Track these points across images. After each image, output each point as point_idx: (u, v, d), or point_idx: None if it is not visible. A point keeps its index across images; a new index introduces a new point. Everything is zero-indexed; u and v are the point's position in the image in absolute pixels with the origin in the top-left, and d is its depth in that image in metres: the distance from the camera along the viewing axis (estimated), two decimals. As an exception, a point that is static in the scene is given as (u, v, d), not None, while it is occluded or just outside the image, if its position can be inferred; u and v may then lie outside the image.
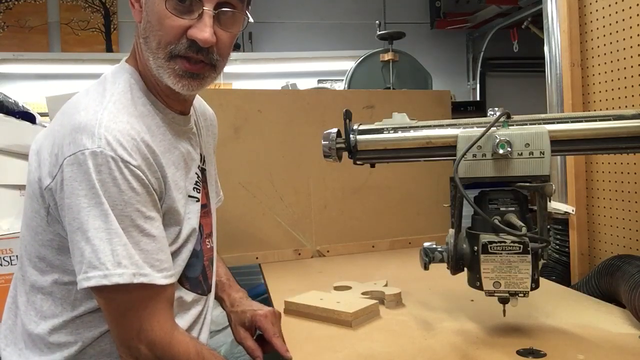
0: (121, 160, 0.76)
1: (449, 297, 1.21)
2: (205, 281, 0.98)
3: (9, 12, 3.66)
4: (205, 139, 1.06)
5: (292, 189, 1.78)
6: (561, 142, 0.91)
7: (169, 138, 0.88)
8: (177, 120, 0.91)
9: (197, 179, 0.92)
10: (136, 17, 0.85)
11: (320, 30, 4.13)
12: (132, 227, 0.77)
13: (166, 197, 0.84)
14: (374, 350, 0.94)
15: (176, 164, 0.88)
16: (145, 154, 0.79)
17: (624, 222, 1.30)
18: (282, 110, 1.78)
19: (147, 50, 0.83)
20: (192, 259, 0.93)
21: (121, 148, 0.76)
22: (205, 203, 0.99)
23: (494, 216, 0.89)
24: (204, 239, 0.97)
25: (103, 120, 0.77)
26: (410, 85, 2.70)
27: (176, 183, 0.86)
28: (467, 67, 4.42)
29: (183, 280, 0.92)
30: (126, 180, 0.76)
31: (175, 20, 0.79)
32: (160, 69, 0.82)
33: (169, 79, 0.83)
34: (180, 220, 0.87)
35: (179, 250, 0.88)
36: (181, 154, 0.90)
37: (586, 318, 1.05)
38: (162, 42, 0.81)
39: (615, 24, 1.29)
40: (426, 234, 1.80)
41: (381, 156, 1.01)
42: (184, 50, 0.81)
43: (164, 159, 0.84)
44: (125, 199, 0.76)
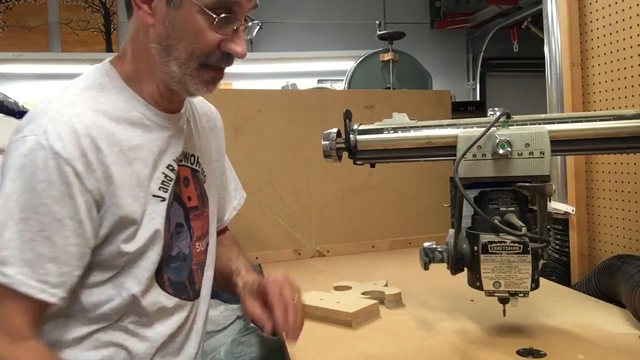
0: (51, 151, 0.73)
1: (449, 297, 1.21)
2: (192, 286, 0.94)
3: (9, 12, 3.66)
4: (204, 140, 1.04)
5: (292, 189, 1.78)
6: (561, 142, 0.91)
7: (142, 136, 0.85)
8: (160, 120, 0.88)
9: (164, 178, 0.87)
10: (146, 21, 0.81)
11: (320, 30, 4.13)
12: (33, 221, 0.72)
13: (110, 197, 0.79)
14: (374, 350, 0.94)
15: (145, 161, 0.84)
16: (84, 149, 0.75)
17: (624, 222, 1.30)
18: (282, 110, 1.78)
19: (168, 57, 0.81)
20: (179, 262, 0.90)
21: (57, 139, 0.73)
22: (196, 205, 0.96)
23: (494, 216, 0.89)
24: (194, 242, 0.94)
25: (50, 111, 0.76)
26: (410, 85, 2.70)
27: (139, 182, 0.82)
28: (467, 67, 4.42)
29: (165, 284, 0.88)
30: (47, 171, 0.72)
31: (212, 34, 0.80)
32: (186, 77, 0.82)
33: (195, 86, 0.83)
34: (135, 220, 0.82)
35: (143, 253, 0.84)
36: (153, 152, 0.85)
37: (586, 318, 1.05)
38: (196, 54, 0.81)
39: (615, 24, 1.29)
40: (426, 234, 1.80)
41: (381, 156, 1.01)
42: (216, 61, 0.82)
43: (122, 154, 0.80)
44: (39, 189, 0.72)
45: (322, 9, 4.15)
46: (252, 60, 3.90)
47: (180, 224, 0.91)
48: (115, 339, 0.84)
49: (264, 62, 3.93)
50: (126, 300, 0.83)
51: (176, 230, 0.90)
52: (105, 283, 0.82)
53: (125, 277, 0.83)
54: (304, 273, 1.55)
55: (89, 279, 0.81)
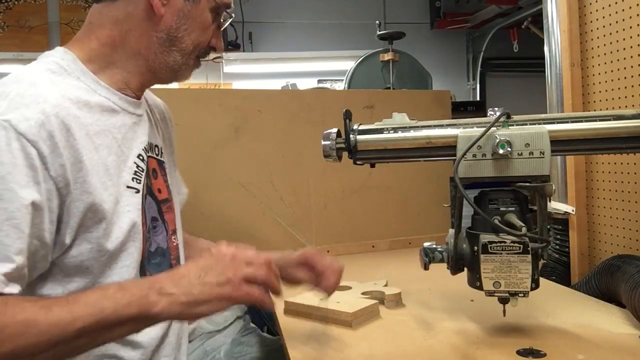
0: (15, 132, 0.67)
1: (449, 297, 1.21)
2: None
3: (9, 12, 3.66)
4: (160, 131, 1.00)
5: (292, 189, 1.78)
6: (561, 142, 0.91)
7: (109, 118, 0.81)
8: (125, 104, 0.86)
9: (136, 168, 0.84)
10: (158, 10, 0.81)
11: (320, 30, 4.13)
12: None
13: (79, 184, 0.73)
14: (374, 350, 0.94)
15: (110, 148, 0.80)
16: (52, 132, 0.70)
17: (624, 222, 1.30)
18: (282, 110, 1.78)
19: (171, 46, 0.85)
20: (159, 257, 0.87)
21: (22, 119, 0.68)
22: (166, 198, 0.93)
23: (494, 216, 0.89)
24: (170, 235, 0.91)
25: (11, 93, 0.71)
26: (410, 85, 2.70)
27: (107, 170, 0.78)
28: (467, 67, 4.43)
29: None
30: (11, 153, 0.66)
31: (210, 30, 0.89)
32: (184, 66, 0.88)
33: (185, 73, 0.90)
34: (106, 210, 0.76)
35: (123, 250, 0.79)
36: (117, 140, 0.82)
37: (586, 318, 1.05)
38: (199, 46, 0.88)
39: (615, 24, 1.29)
40: (426, 234, 1.80)
41: (381, 156, 1.01)
42: (205, 54, 0.91)
43: (89, 139, 0.76)
44: (3, 173, 0.66)
45: (322, 9, 4.15)
46: (252, 60, 3.90)
47: (155, 217, 0.88)
48: (109, 350, 0.79)
49: (264, 62, 3.93)
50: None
51: (152, 225, 0.87)
52: (89, 288, 0.75)
53: (110, 280, 0.78)
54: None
55: (70, 285, 0.75)
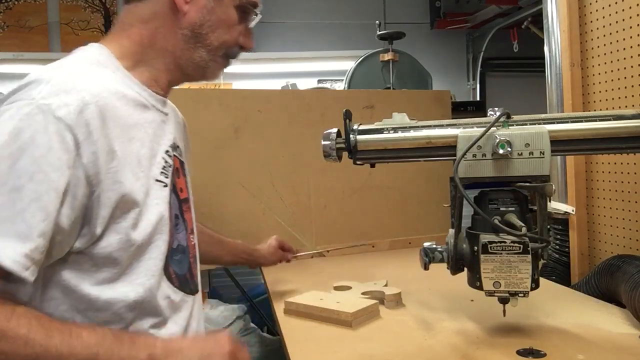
0: (53, 116, 0.68)
1: (449, 297, 1.21)
2: (192, 279, 0.92)
3: (9, 12, 3.66)
4: (180, 136, 1.01)
5: (292, 189, 1.78)
6: (561, 142, 0.91)
7: (142, 113, 0.83)
8: (155, 101, 0.88)
9: (164, 164, 0.85)
10: (181, 7, 0.84)
11: (320, 30, 4.12)
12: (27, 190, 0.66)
13: (112, 174, 0.74)
14: (374, 350, 0.94)
15: (142, 142, 0.81)
16: (88, 120, 0.71)
17: (624, 222, 1.30)
18: (282, 110, 1.78)
19: (197, 43, 0.87)
20: (179, 254, 0.88)
21: (61, 105, 0.69)
22: (187, 197, 0.95)
23: (494, 216, 0.89)
24: (189, 234, 0.93)
25: (51, 79, 0.72)
26: (410, 85, 2.70)
27: (139, 161, 0.79)
28: (467, 67, 4.42)
29: (172, 277, 0.85)
30: (48, 136, 0.67)
31: (238, 28, 0.91)
32: (211, 62, 0.90)
33: (215, 71, 0.92)
34: (137, 201, 0.77)
35: (151, 242, 0.80)
36: (149, 134, 0.84)
37: (586, 318, 1.05)
38: (225, 44, 0.90)
39: (615, 24, 1.29)
40: (426, 234, 1.80)
41: (381, 156, 1.01)
42: (234, 53, 0.93)
43: (124, 130, 0.77)
44: (37, 155, 0.66)
45: (322, 9, 4.15)
46: (252, 60, 3.89)
47: (177, 215, 0.89)
48: None
49: (264, 62, 3.92)
50: (141, 295, 0.78)
51: (175, 222, 0.88)
52: (116, 280, 0.77)
53: (137, 271, 0.79)
54: (304, 273, 1.55)
55: (99, 275, 0.76)
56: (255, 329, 1.90)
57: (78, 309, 0.75)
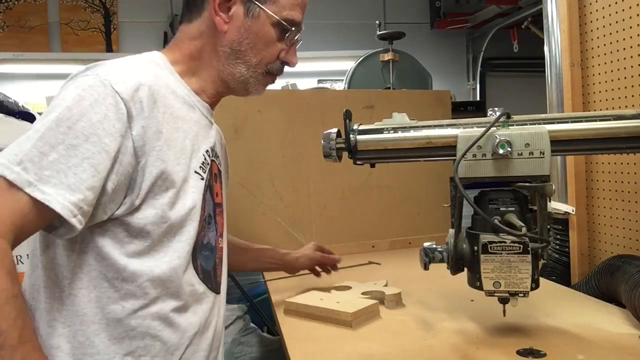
0: (112, 89, 0.77)
1: (449, 297, 1.21)
2: (215, 278, 0.97)
3: (9, 12, 3.66)
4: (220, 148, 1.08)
5: (292, 189, 1.78)
6: (561, 142, 0.91)
7: (188, 111, 0.91)
8: (201, 107, 0.96)
9: (204, 160, 0.93)
10: (221, 27, 0.92)
11: (320, 30, 4.12)
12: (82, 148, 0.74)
13: (157, 150, 0.82)
14: (374, 351, 0.94)
15: (187, 134, 0.89)
16: (141, 98, 0.80)
17: (624, 222, 1.30)
18: (282, 110, 1.78)
19: (236, 59, 0.94)
20: (208, 251, 0.94)
21: (120, 82, 0.79)
22: (220, 202, 1.00)
23: (494, 216, 0.89)
24: (217, 236, 0.98)
25: (112, 65, 0.83)
26: (410, 85, 2.70)
27: (183, 149, 0.87)
28: (467, 67, 4.42)
29: (198, 269, 0.91)
30: (105, 106, 0.76)
31: (277, 45, 0.95)
32: (251, 79, 0.96)
33: (256, 87, 0.98)
34: (175, 181, 0.84)
35: (182, 226, 0.86)
36: (193, 130, 0.91)
37: (586, 318, 1.05)
38: (264, 61, 0.95)
39: (615, 24, 1.29)
40: (426, 234, 1.80)
41: (381, 156, 1.01)
42: (276, 69, 0.98)
43: (172, 118, 0.86)
44: (94, 120, 0.75)
45: (322, 9, 4.15)
46: (252, 60, 3.89)
47: (211, 215, 0.95)
48: (152, 329, 0.84)
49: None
50: (165, 273, 0.84)
51: (208, 221, 0.94)
52: (146, 253, 0.83)
53: (166, 250, 0.84)
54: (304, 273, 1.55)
55: (130, 247, 0.82)
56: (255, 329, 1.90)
57: (107, 277, 0.81)
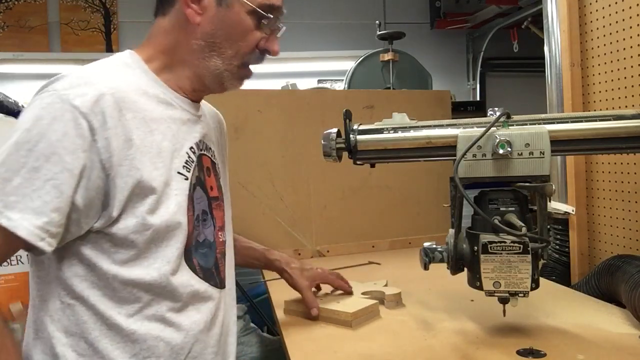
0: (70, 105, 0.75)
1: (449, 297, 1.21)
2: (218, 274, 0.96)
3: (9, 12, 3.66)
4: (216, 139, 1.08)
5: (292, 189, 1.78)
6: (561, 142, 0.91)
7: (165, 110, 0.88)
8: (180, 102, 0.92)
9: (187, 158, 0.90)
10: (193, 19, 0.88)
11: (320, 30, 4.13)
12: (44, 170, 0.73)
13: (129, 160, 0.79)
14: (374, 351, 0.94)
15: (165, 135, 0.86)
16: (103, 108, 0.77)
17: (624, 222, 1.30)
18: (282, 110, 1.78)
19: (215, 55, 0.89)
20: (206, 248, 0.92)
21: (78, 95, 0.76)
22: (216, 196, 0.99)
23: (494, 216, 0.89)
24: (217, 231, 0.97)
25: (73, 75, 0.80)
26: (410, 85, 2.70)
27: (159, 152, 0.84)
28: (467, 67, 4.42)
29: (197, 268, 0.90)
30: (64, 123, 0.74)
31: (255, 34, 0.90)
32: (227, 72, 0.91)
33: (231, 82, 0.93)
34: (155, 188, 0.82)
35: (169, 231, 0.84)
36: (171, 130, 0.88)
37: (586, 318, 1.05)
38: (240, 52, 0.90)
39: (615, 24, 1.29)
40: (426, 234, 1.80)
41: (381, 156, 1.01)
42: (254, 60, 0.93)
43: (144, 122, 0.83)
44: (53, 139, 0.73)
45: (322, 9, 4.15)
46: (252, 60, 3.89)
47: (205, 211, 0.94)
48: (152, 330, 0.83)
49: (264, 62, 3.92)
50: (155, 279, 0.83)
51: (202, 218, 0.93)
52: (133, 261, 0.82)
53: (155, 256, 0.83)
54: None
55: (116, 256, 0.81)
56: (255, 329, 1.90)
57: (98, 286, 0.81)
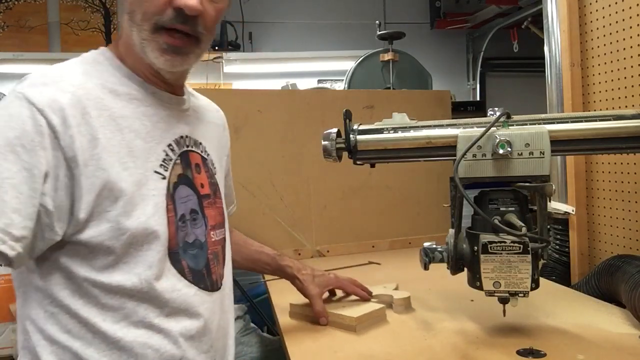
0: (27, 102, 0.72)
1: (449, 297, 1.21)
2: (209, 276, 0.90)
3: (9, 12, 3.66)
4: (213, 134, 1.03)
5: (292, 189, 1.78)
6: (561, 142, 0.91)
7: (138, 107, 0.83)
8: (160, 96, 0.87)
9: (165, 156, 0.85)
10: None
11: (320, 30, 4.13)
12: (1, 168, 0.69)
13: (95, 160, 0.75)
14: (374, 350, 0.94)
15: (138, 133, 0.81)
16: (63, 105, 0.73)
17: (624, 222, 1.30)
18: (282, 110, 1.78)
19: (133, 24, 0.81)
20: (196, 249, 0.88)
21: (37, 93, 0.73)
22: (208, 193, 0.94)
23: (494, 216, 0.89)
24: (209, 230, 0.92)
25: (35, 75, 0.78)
26: (410, 85, 2.70)
27: (131, 151, 0.79)
28: (467, 67, 4.42)
29: (185, 271, 0.85)
30: (21, 120, 0.71)
31: None
32: (144, 42, 0.80)
33: (152, 53, 0.81)
34: (123, 191, 0.77)
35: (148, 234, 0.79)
36: (145, 127, 0.83)
37: (586, 318, 1.05)
38: (148, 13, 0.79)
39: (615, 24, 1.29)
40: (426, 234, 1.80)
41: (381, 156, 1.01)
42: (169, 21, 0.79)
43: (111, 120, 0.78)
44: (10, 137, 0.70)
45: (322, 9, 4.15)
46: (252, 60, 3.90)
47: (195, 210, 0.89)
48: (140, 337, 0.79)
49: (264, 62, 3.93)
50: (137, 285, 0.78)
51: (192, 217, 0.88)
52: (113, 267, 0.77)
53: (135, 261, 0.79)
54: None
55: (95, 263, 0.77)
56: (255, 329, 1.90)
57: (80, 294, 0.77)
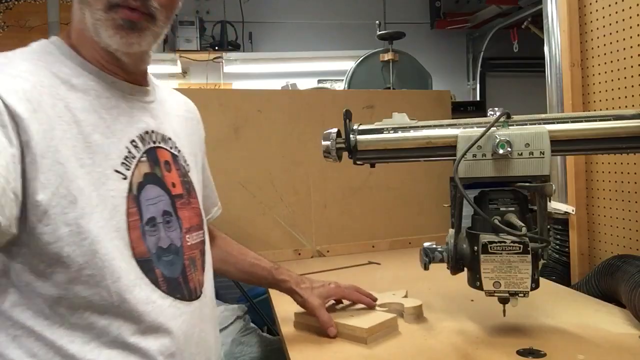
0: None
1: (449, 297, 1.21)
2: (186, 284, 0.82)
3: (9, 12, 3.67)
4: (184, 129, 0.95)
5: (292, 189, 1.78)
6: (561, 142, 0.91)
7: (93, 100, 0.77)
8: (120, 86, 0.81)
9: (127, 154, 0.78)
10: None
11: (320, 30, 4.13)
12: None
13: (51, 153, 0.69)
14: (374, 350, 0.94)
15: (96, 126, 0.75)
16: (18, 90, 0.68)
17: (624, 222, 1.30)
18: (282, 110, 1.78)
19: (85, 6, 0.75)
20: (172, 255, 0.80)
21: None
22: (181, 193, 0.86)
23: (494, 216, 0.89)
24: (184, 233, 0.84)
25: None
26: (410, 85, 2.70)
27: (88, 146, 0.73)
28: (467, 67, 4.43)
29: (159, 280, 0.77)
30: None
31: None
32: (97, 23, 0.74)
33: (106, 32, 0.74)
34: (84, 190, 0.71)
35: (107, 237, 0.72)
36: (104, 121, 0.77)
37: (586, 318, 1.05)
38: None
39: (615, 24, 1.29)
40: (426, 234, 1.80)
41: (381, 156, 1.01)
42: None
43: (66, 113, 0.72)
44: None
45: (322, 9, 4.15)
46: (252, 60, 3.90)
47: (168, 212, 0.82)
48: (115, 359, 0.71)
49: (264, 62, 3.93)
50: (106, 299, 0.71)
51: (165, 220, 0.81)
52: (75, 281, 0.70)
53: (101, 273, 0.71)
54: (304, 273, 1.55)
55: (55, 277, 0.69)
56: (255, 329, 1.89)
57: (43, 314, 0.70)
